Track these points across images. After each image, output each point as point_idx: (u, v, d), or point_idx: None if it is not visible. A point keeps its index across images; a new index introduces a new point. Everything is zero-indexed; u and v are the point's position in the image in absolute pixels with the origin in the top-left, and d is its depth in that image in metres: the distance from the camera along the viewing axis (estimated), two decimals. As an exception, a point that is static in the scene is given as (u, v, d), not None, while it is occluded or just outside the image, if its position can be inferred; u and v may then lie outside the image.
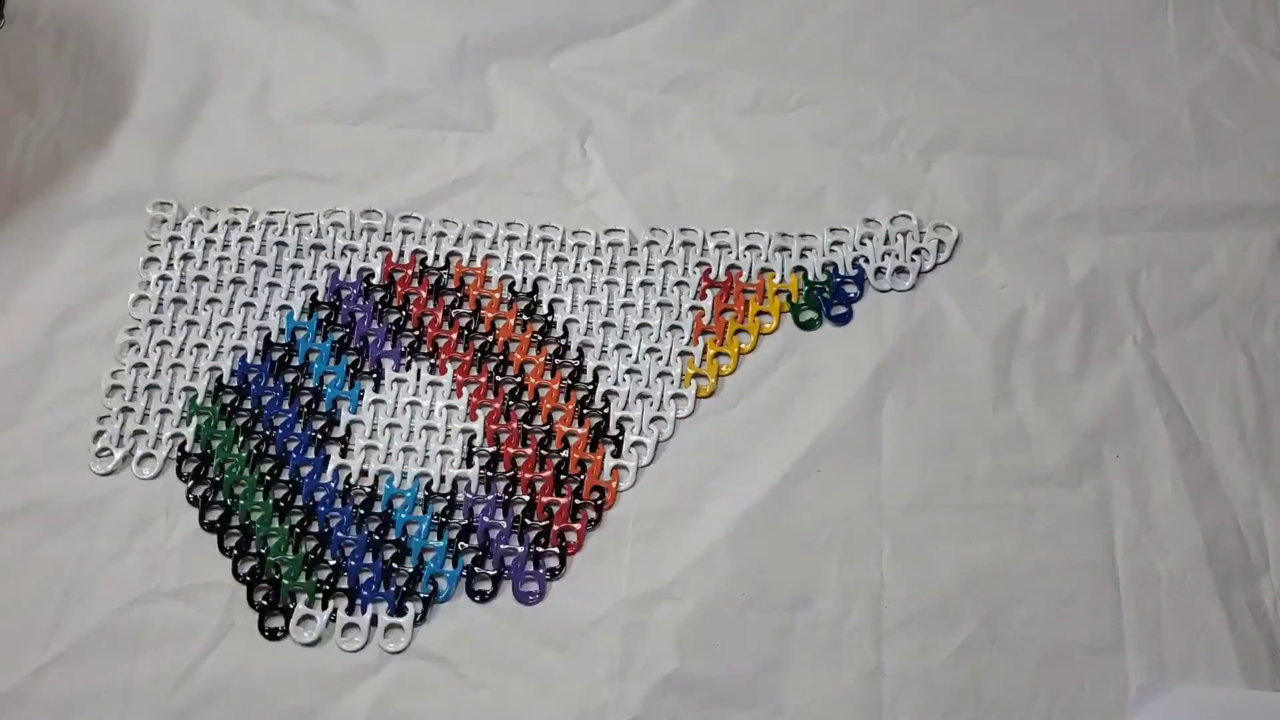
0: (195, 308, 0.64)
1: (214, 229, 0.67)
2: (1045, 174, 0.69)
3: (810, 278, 0.66)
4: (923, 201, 0.68)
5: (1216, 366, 0.63)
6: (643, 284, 0.66)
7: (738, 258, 0.66)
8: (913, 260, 0.66)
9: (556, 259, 0.66)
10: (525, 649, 0.56)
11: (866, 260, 0.66)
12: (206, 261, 0.66)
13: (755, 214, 0.68)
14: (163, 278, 0.65)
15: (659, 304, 0.65)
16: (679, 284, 0.66)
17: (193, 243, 0.66)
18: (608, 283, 0.66)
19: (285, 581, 0.57)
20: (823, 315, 0.65)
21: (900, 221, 0.67)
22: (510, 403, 0.62)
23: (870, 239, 0.67)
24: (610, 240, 0.67)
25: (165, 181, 0.69)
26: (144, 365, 0.63)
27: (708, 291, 0.65)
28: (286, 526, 0.58)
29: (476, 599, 0.57)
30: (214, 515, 0.59)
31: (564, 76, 0.73)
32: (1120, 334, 0.64)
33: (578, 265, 0.66)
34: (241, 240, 0.67)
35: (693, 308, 0.65)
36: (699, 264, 0.66)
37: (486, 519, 0.59)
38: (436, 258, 0.66)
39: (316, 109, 0.72)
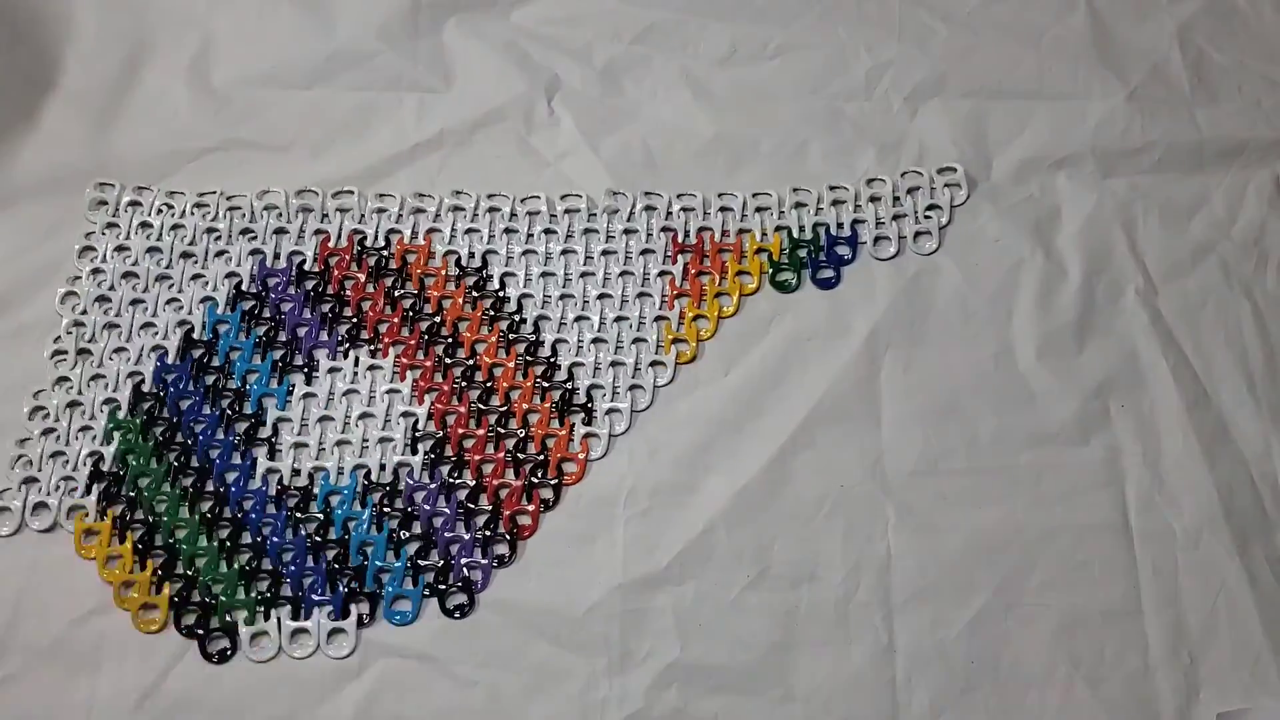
0: (118, 309, 0.60)
1: (148, 214, 0.62)
2: (1036, 117, 0.67)
3: (795, 236, 0.62)
4: (909, 151, 0.65)
5: (1220, 314, 0.61)
6: (604, 252, 0.62)
7: (703, 218, 0.63)
8: (927, 216, 0.63)
9: (507, 230, 0.62)
10: (517, 642, 0.53)
11: (862, 222, 0.63)
12: (136, 257, 0.61)
13: (736, 171, 0.65)
14: (95, 270, 0.61)
15: (622, 273, 0.61)
16: (645, 251, 0.62)
17: (128, 234, 0.62)
18: (564, 252, 0.62)
19: (222, 599, 0.53)
20: (803, 277, 0.61)
21: (910, 177, 0.64)
22: (462, 384, 0.58)
23: (875, 200, 0.63)
24: (566, 207, 0.63)
25: (101, 157, 0.64)
26: (67, 380, 0.58)
27: (679, 256, 0.62)
28: (215, 542, 0.54)
29: (447, 612, 0.53)
30: (137, 535, 0.54)
31: (526, 30, 0.69)
32: (1121, 284, 0.62)
33: (530, 236, 0.62)
34: (174, 228, 0.62)
35: (662, 273, 0.61)
36: (664, 229, 0.62)
37: (429, 507, 0.55)
38: (376, 237, 0.62)
39: (262, 73, 0.67)
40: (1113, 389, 0.59)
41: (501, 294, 0.60)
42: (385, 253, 0.62)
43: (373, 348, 0.59)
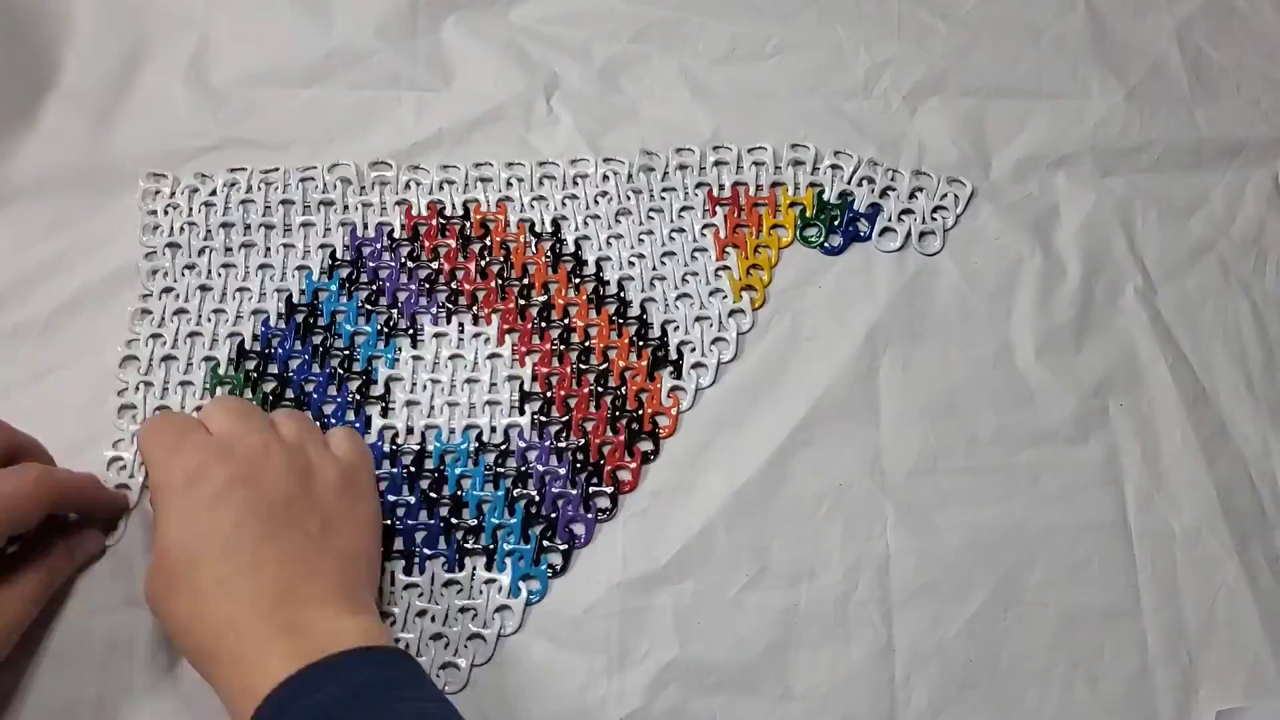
0: (209, 273, 0.61)
1: (212, 192, 0.63)
2: (1035, 115, 0.66)
3: (825, 198, 0.63)
4: (909, 150, 0.65)
5: (1219, 313, 0.61)
6: (652, 211, 0.63)
7: (736, 172, 0.64)
8: (934, 219, 0.63)
9: (568, 197, 0.63)
10: (515, 641, 0.53)
11: (879, 209, 0.63)
12: (210, 229, 0.62)
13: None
14: (171, 244, 0.61)
15: (674, 230, 0.62)
16: (685, 209, 0.63)
17: (191, 209, 0.62)
18: (620, 214, 0.63)
19: None
20: (824, 235, 0.62)
21: (921, 179, 0.64)
22: (560, 346, 0.59)
23: (890, 191, 0.64)
24: (607, 170, 0.64)
25: (100, 156, 0.64)
26: (160, 335, 0.59)
27: (717, 209, 0.63)
28: None
29: (547, 569, 0.54)
30: None
31: (525, 28, 0.69)
32: (1120, 283, 0.62)
33: (592, 201, 0.63)
34: (244, 202, 0.63)
35: (706, 225, 0.62)
36: (699, 185, 0.64)
37: (542, 466, 0.56)
38: (453, 206, 0.63)
39: (261, 72, 0.67)
40: (1112, 388, 0.59)
41: (579, 256, 0.62)
42: (466, 220, 0.63)
43: (474, 313, 0.60)
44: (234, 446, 0.48)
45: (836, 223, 0.63)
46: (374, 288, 0.61)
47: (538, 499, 0.55)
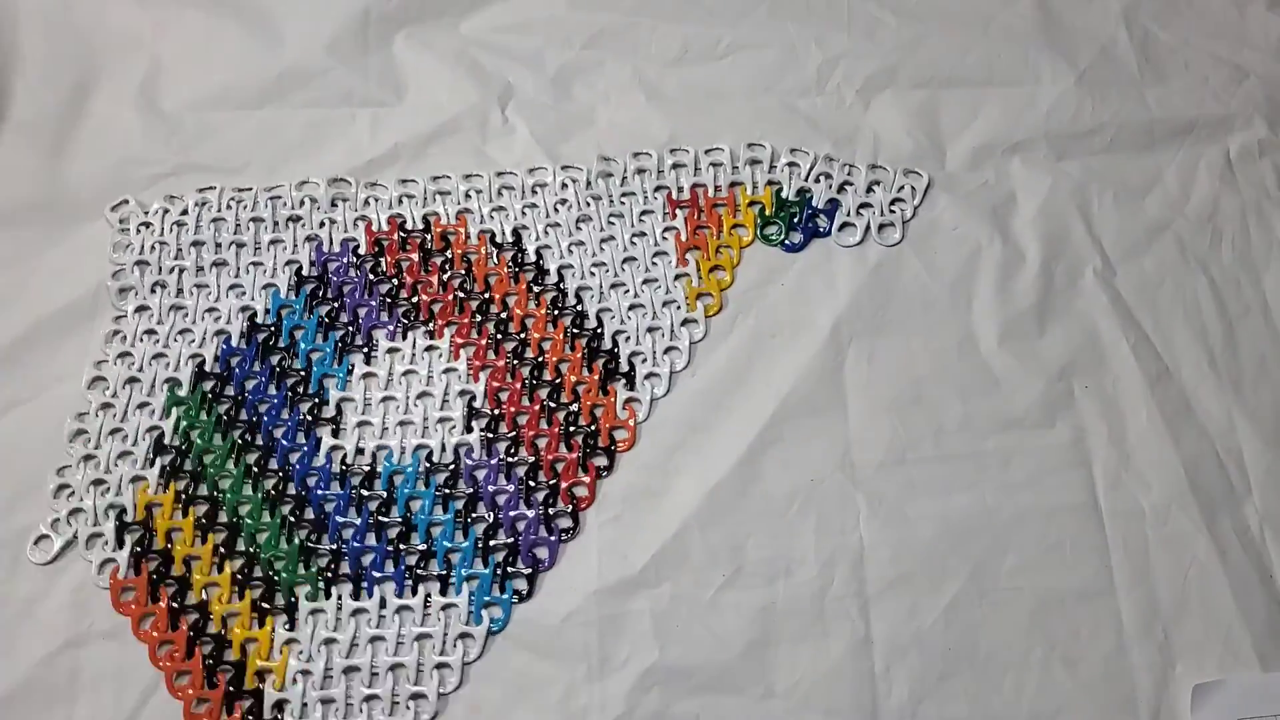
0: (178, 292, 0.61)
1: (184, 212, 0.63)
2: (987, 104, 0.67)
3: (784, 196, 0.64)
4: (864, 144, 0.66)
5: (1178, 291, 0.62)
6: (612, 216, 0.63)
7: (694, 174, 0.64)
8: (892, 211, 0.63)
9: (527, 205, 0.64)
10: (495, 653, 0.52)
11: (838, 205, 0.63)
12: (180, 248, 0.62)
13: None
14: (141, 262, 0.61)
15: (634, 234, 0.63)
16: (645, 213, 0.63)
17: (163, 229, 0.62)
18: (580, 220, 0.63)
19: (284, 575, 0.53)
20: (784, 233, 0.63)
21: (878, 172, 0.64)
22: (514, 360, 0.59)
23: (848, 185, 0.64)
24: (565, 178, 0.64)
25: (53, 187, 0.64)
26: (129, 355, 0.59)
27: (677, 211, 0.63)
28: (278, 518, 0.55)
29: (512, 595, 0.54)
30: (199, 512, 0.55)
31: (477, 39, 0.69)
32: (1079, 266, 0.62)
33: (553, 209, 0.63)
34: (214, 221, 0.63)
35: (668, 229, 0.63)
36: (658, 188, 0.64)
37: (491, 486, 0.56)
38: (412, 220, 0.63)
39: (212, 95, 0.67)
40: (1076, 370, 0.59)
41: (541, 265, 0.62)
42: (426, 235, 0.63)
43: (429, 328, 0.60)
44: None
45: (796, 220, 0.63)
46: (335, 304, 0.60)
47: (491, 521, 0.55)
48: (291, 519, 0.55)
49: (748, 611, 0.53)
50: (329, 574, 0.53)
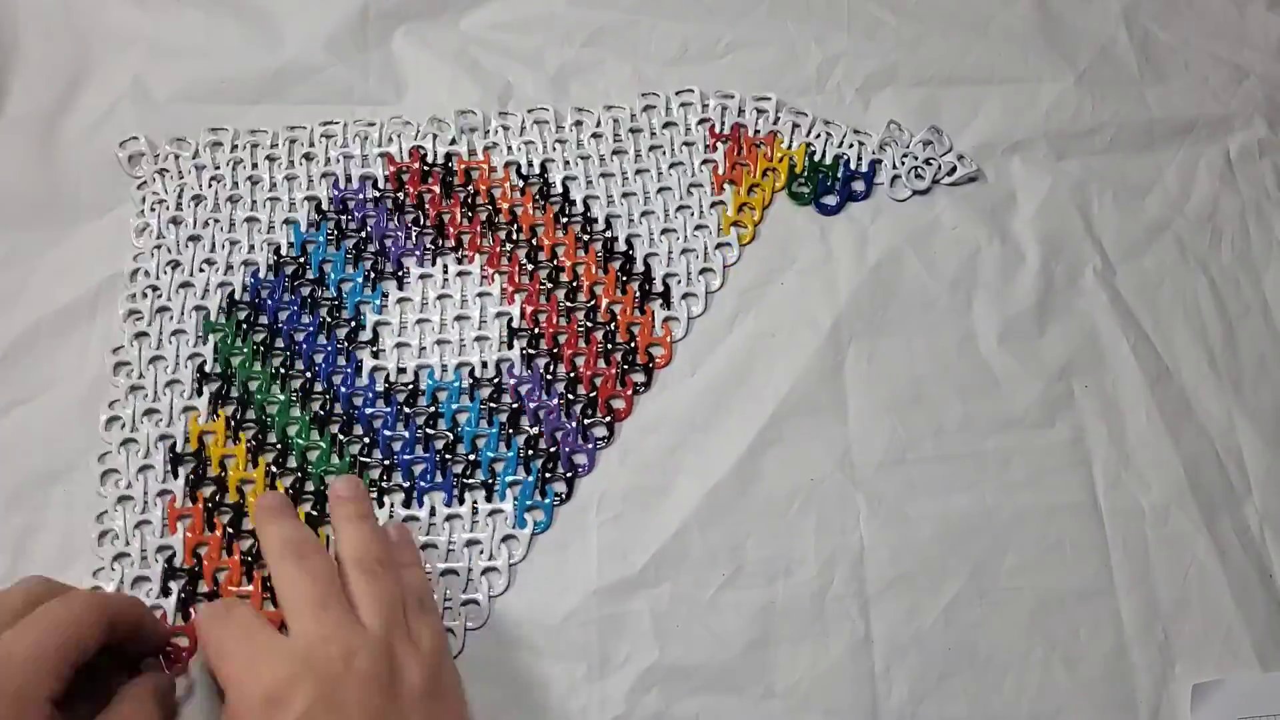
0: (196, 226, 0.62)
1: (196, 154, 0.64)
2: (987, 103, 0.67)
3: (817, 159, 0.64)
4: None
5: (1178, 291, 0.62)
6: (651, 148, 0.64)
7: (738, 115, 0.66)
8: (927, 165, 0.64)
9: (558, 141, 0.65)
10: (495, 653, 0.52)
11: (880, 164, 0.64)
12: (200, 188, 0.63)
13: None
14: (159, 201, 0.62)
15: (671, 165, 0.64)
16: (686, 144, 0.64)
17: (181, 172, 0.63)
18: (615, 152, 0.64)
19: None
20: (814, 196, 0.63)
21: (930, 133, 0.65)
22: (548, 285, 0.60)
23: (893, 144, 0.65)
24: (612, 116, 0.65)
25: (52, 185, 0.63)
26: (156, 288, 0.60)
27: (718, 145, 0.64)
28: (328, 436, 0.56)
29: (553, 498, 0.55)
30: (248, 436, 0.56)
31: (476, 37, 0.68)
32: (1079, 265, 0.62)
33: (580, 143, 0.64)
34: (234, 163, 0.64)
35: (705, 161, 0.64)
36: (701, 120, 0.65)
37: (533, 402, 0.57)
38: (434, 156, 0.64)
39: (210, 90, 0.66)
40: (1075, 370, 0.59)
41: (568, 197, 0.63)
42: (449, 167, 0.64)
43: (458, 255, 0.61)
44: (313, 659, 0.44)
45: (830, 184, 0.63)
46: (361, 235, 0.62)
47: (535, 432, 0.57)
48: (341, 437, 0.56)
49: (747, 611, 0.53)
50: (381, 485, 0.55)
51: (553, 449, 0.56)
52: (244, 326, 0.59)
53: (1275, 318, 0.61)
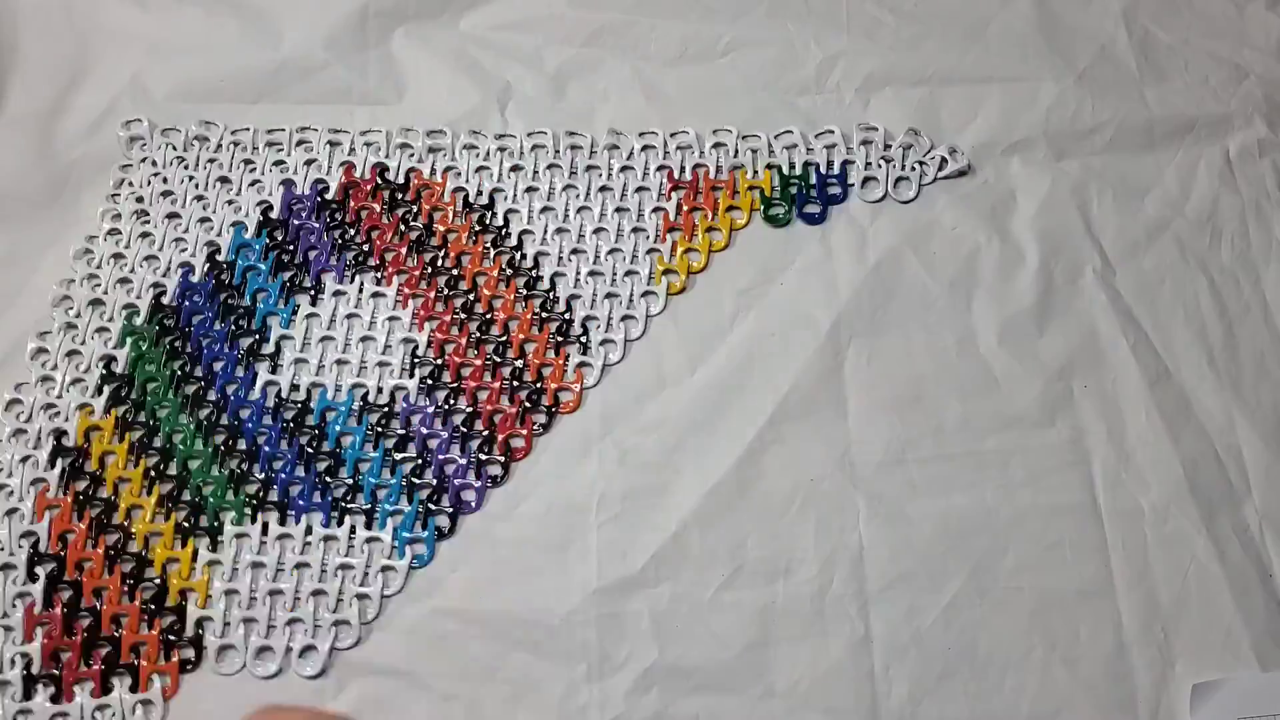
0: (154, 222, 0.62)
1: (184, 145, 0.64)
2: (987, 102, 0.67)
3: (786, 173, 0.64)
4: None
5: (1178, 290, 0.62)
6: (602, 189, 0.63)
7: (699, 156, 0.65)
8: (913, 170, 0.63)
9: (514, 168, 0.64)
10: (495, 653, 0.52)
11: (852, 164, 0.64)
12: (167, 179, 0.63)
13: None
14: (127, 189, 0.63)
15: (618, 209, 0.63)
16: (640, 189, 0.64)
17: (156, 163, 0.64)
18: (566, 188, 0.64)
19: (211, 500, 0.55)
20: (794, 211, 0.63)
21: (909, 136, 0.65)
22: (462, 315, 0.60)
23: (867, 144, 0.65)
24: (571, 144, 0.65)
25: (51, 181, 0.63)
26: (95, 277, 0.60)
27: (673, 192, 0.63)
28: (211, 447, 0.56)
29: (434, 532, 0.54)
30: (135, 438, 0.56)
31: (476, 37, 0.68)
32: (1078, 265, 0.62)
33: (535, 173, 0.64)
34: (211, 161, 0.64)
35: (656, 209, 0.63)
36: (660, 167, 0.64)
37: (425, 430, 0.57)
38: (398, 173, 0.64)
39: (208, 89, 0.66)
40: (1075, 370, 0.59)
41: (504, 229, 0.62)
42: (401, 186, 0.63)
43: (378, 275, 0.60)
44: None
45: (807, 193, 0.63)
46: (290, 246, 0.61)
47: (420, 463, 0.56)
48: (224, 448, 0.56)
49: (747, 611, 0.53)
50: (256, 500, 0.55)
51: (439, 479, 0.56)
52: (161, 329, 0.59)
53: (1275, 318, 0.61)
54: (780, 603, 0.53)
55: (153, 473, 0.55)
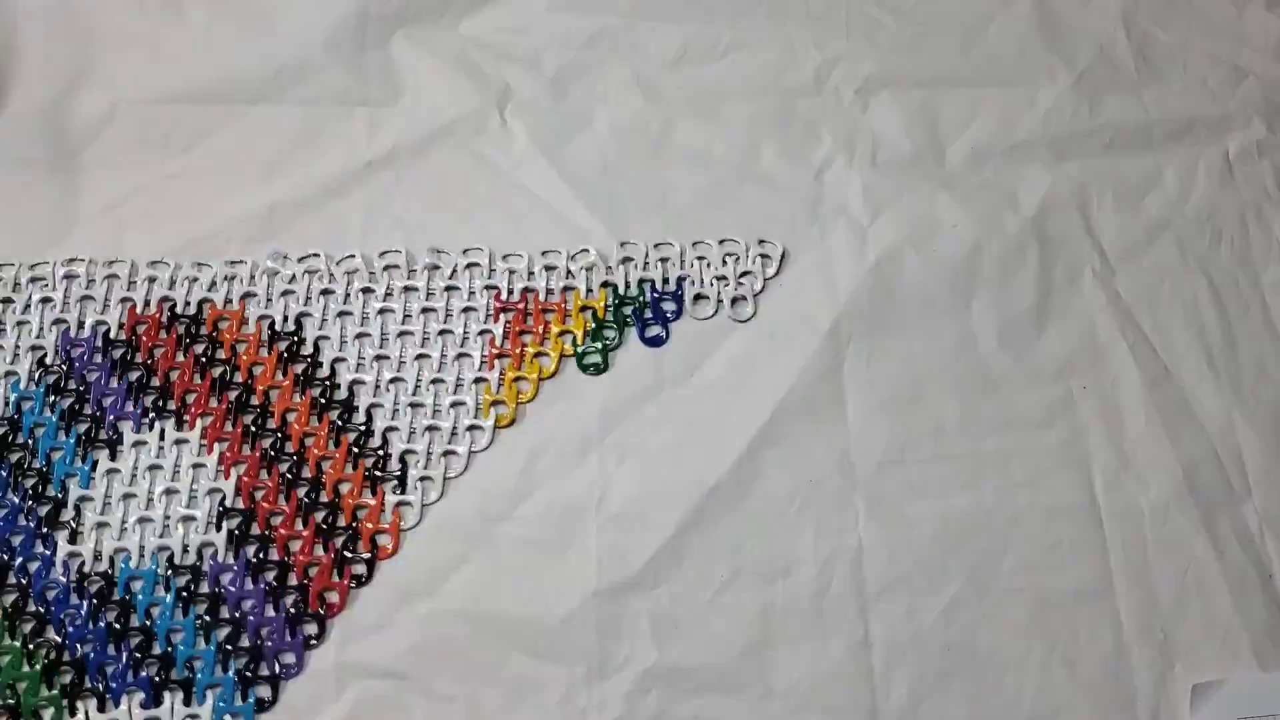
0: None
1: None
2: (987, 103, 0.67)
3: (621, 293, 0.61)
4: (864, 143, 0.65)
5: (1177, 291, 0.62)
6: (424, 310, 0.60)
7: (528, 277, 0.61)
8: (741, 283, 0.61)
9: (324, 291, 0.60)
10: (494, 655, 0.52)
11: (688, 279, 0.61)
12: None
13: (691, 173, 0.65)
14: None
15: (441, 332, 0.59)
16: (467, 310, 0.60)
17: None
18: (381, 311, 0.59)
19: (26, 699, 0.50)
20: (627, 335, 0.60)
21: (728, 244, 0.62)
22: (271, 455, 0.56)
23: (701, 260, 0.62)
24: (386, 264, 0.61)
25: (50, 181, 0.63)
26: None
27: (500, 315, 0.60)
28: (20, 638, 0.51)
29: (254, 703, 0.51)
30: None
31: (475, 40, 0.68)
32: (1078, 266, 0.62)
33: (348, 296, 0.60)
34: None
35: (483, 332, 0.59)
36: (487, 286, 0.60)
37: (234, 589, 0.53)
38: (188, 304, 0.59)
39: (208, 89, 0.66)
40: (1074, 370, 0.59)
41: (315, 359, 0.58)
42: (196, 319, 0.59)
43: (179, 419, 0.56)
44: None
45: (638, 313, 0.60)
46: (79, 394, 0.57)
47: (233, 626, 0.52)
48: (31, 640, 0.51)
49: (747, 613, 0.53)
50: (71, 690, 0.51)
51: (255, 644, 0.52)
52: None
53: (1275, 318, 0.61)
54: (780, 604, 0.53)
55: None
